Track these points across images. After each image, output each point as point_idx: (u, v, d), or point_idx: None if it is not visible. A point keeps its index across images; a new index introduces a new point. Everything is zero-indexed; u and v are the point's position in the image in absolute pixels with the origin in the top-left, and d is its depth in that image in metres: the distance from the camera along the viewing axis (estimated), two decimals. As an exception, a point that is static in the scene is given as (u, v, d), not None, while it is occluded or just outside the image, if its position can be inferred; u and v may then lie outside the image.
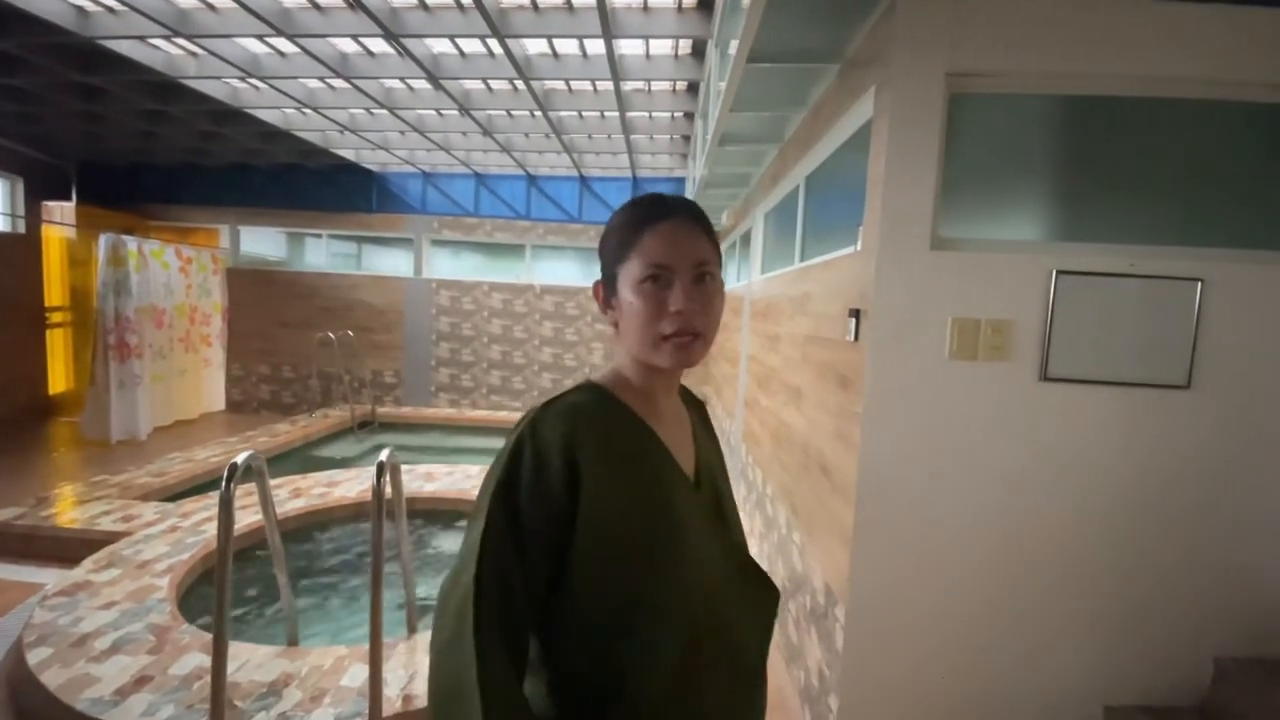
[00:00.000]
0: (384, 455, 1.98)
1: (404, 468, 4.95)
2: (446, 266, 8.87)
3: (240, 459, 1.86)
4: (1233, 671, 1.84)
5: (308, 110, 5.80)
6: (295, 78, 5.06)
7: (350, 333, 7.85)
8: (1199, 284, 1.79)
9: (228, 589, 1.80)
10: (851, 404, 1.98)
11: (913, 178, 1.80)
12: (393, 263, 8.88)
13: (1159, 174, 1.94)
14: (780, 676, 2.66)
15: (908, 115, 1.80)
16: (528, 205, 8.52)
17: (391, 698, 2.10)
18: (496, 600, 0.70)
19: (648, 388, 0.85)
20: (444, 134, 6.57)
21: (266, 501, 2.20)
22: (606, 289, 0.83)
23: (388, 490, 2.04)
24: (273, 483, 4.62)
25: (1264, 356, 1.81)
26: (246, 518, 3.72)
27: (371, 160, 7.93)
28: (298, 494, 4.32)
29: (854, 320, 1.95)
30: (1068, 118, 1.92)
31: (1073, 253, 1.83)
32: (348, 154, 7.50)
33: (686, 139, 6.38)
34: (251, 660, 2.31)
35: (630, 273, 0.78)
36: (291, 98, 5.42)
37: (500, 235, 8.58)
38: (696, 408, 0.97)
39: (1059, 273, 1.80)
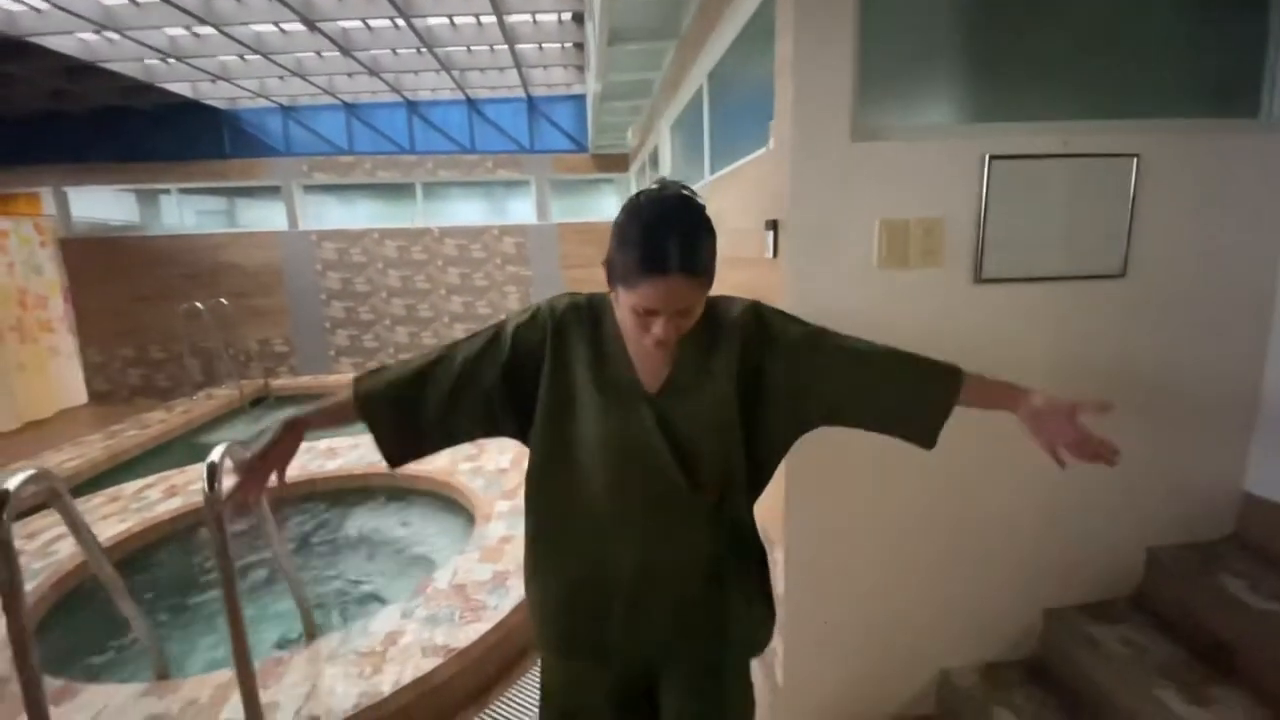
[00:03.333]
0: (215, 454, 1.58)
1: (303, 445, 4.46)
2: (326, 215, 7.96)
3: (13, 483, 1.42)
4: (1165, 559, 1.83)
5: (111, 34, 4.77)
6: (82, -9, 4.10)
7: (223, 300, 6.96)
8: (1135, 160, 1.63)
9: (33, 653, 1.41)
10: (775, 330, 1.74)
11: (827, 55, 1.51)
12: (264, 216, 7.85)
13: (1090, 42, 1.73)
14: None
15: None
16: (411, 137, 7.67)
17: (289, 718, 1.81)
18: (434, 359, 1.06)
19: (632, 322, 0.98)
20: (294, 56, 5.65)
21: (76, 526, 1.76)
22: (610, 274, 0.97)
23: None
24: (145, 481, 4.08)
25: (1202, 237, 1.70)
26: (108, 528, 3.20)
27: (214, 95, 6.79)
28: (172, 492, 3.78)
29: (771, 233, 1.68)
30: (994, -25, 1.66)
31: (1005, 134, 1.62)
32: (181, 89, 6.38)
33: (580, 47, 5.78)
34: (110, 705, 1.94)
35: (628, 298, 0.93)
36: (85, 19, 4.40)
37: (384, 174, 7.73)
38: (714, 329, 1.05)
39: (991, 157, 1.59)
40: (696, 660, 1.10)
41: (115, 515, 3.47)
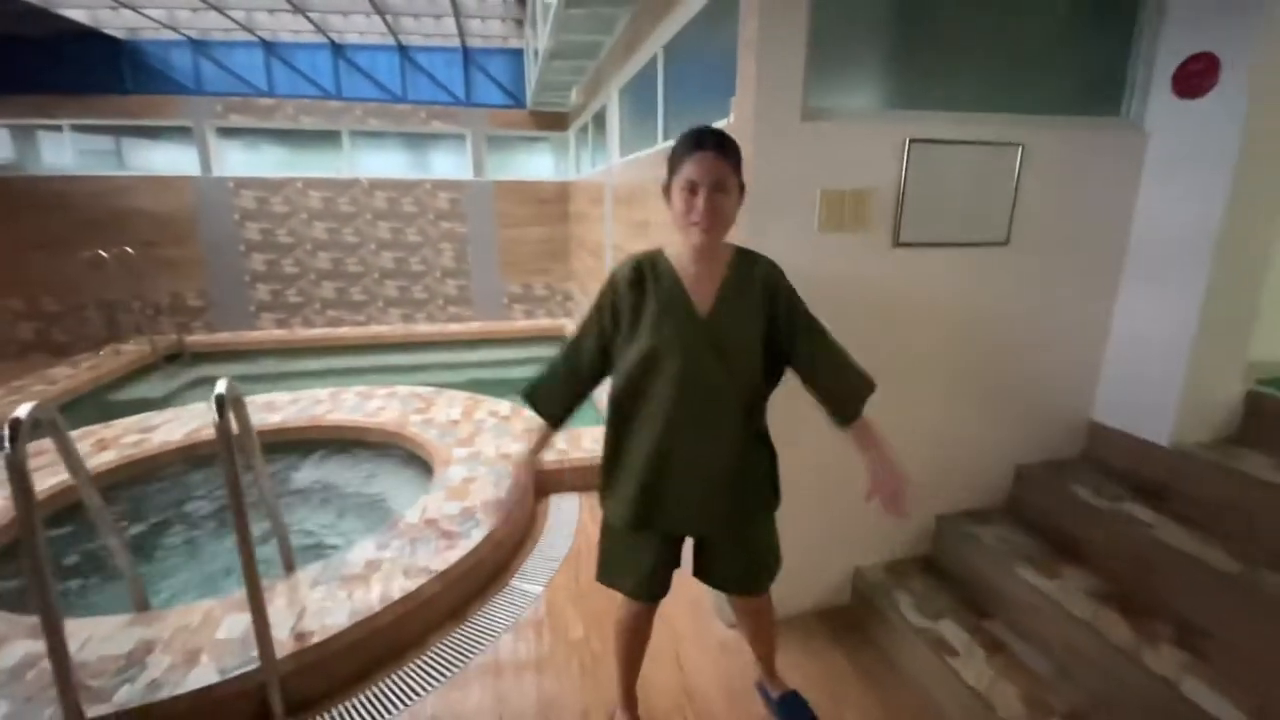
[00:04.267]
0: (221, 387, 1.68)
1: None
2: (244, 161, 7.49)
3: (23, 411, 1.48)
4: (1029, 475, 2.29)
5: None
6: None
7: (129, 249, 6.49)
8: (1019, 149, 1.99)
9: (45, 565, 1.50)
10: (731, 283, 2.01)
11: (785, 42, 1.75)
12: (167, 158, 7.26)
13: (991, 46, 2.06)
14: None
15: (776, -28, 1.70)
16: (337, 82, 7.30)
17: (282, 639, 1.96)
18: (573, 350, 1.50)
19: (684, 253, 1.41)
20: (212, -12, 5.27)
21: (71, 456, 1.81)
22: (668, 185, 1.36)
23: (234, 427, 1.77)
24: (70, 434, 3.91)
25: (1064, 212, 2.10)
26: (43, 480, 3.11)
27: (115, 24, 6.18)
28: (103, 446, 3.67)
29: (731, 198, 1.93)
30: (919, -18, 1.94)
31: (923, 120, 1.93)
32: (76, 14, 5.78)
33: (521, 2, 5.71)
34: (96, 634, 2.01)
35: (677, 182, 1.31)
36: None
37: (307, 119, 7.34)
38: (745, 271, 1.43)
39: (912, 141, 1.90)
40: (726, 523, 1.49)
41: (46, 469, 3.35)
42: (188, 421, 4.03)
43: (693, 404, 1.39)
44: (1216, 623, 1.70)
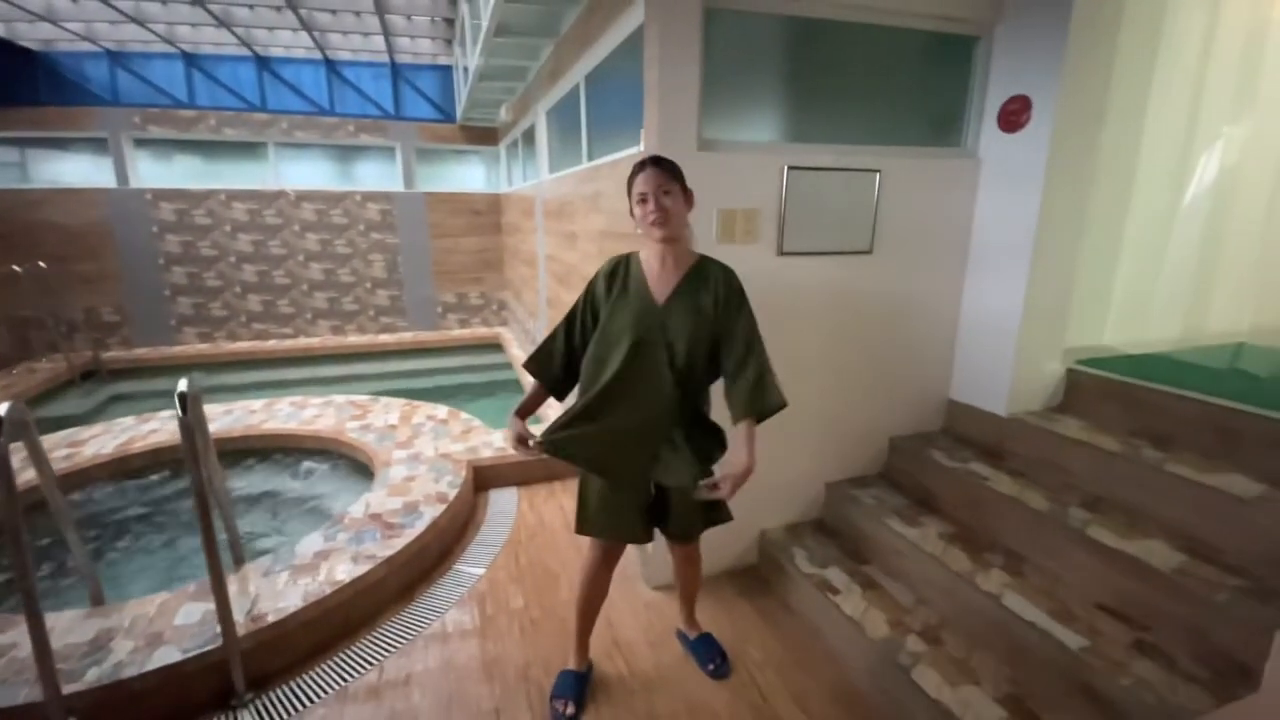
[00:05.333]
0: (183, 385, 1.85)
1: (164, 414, 4.35)
2: (162, 173, 7.29)
3: (2, 409, 1.62)
4: (900, 445, 2.72)
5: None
6: None
7: (43, 264, 6.22)
8: (878, 174, 2.42)
9: (27, 553, 1.63)
10: (644, 287, 2.33)
11: (681, 85, 2.09)
12: (79, 170, 6.99)
13: (853, 89, 2.48)
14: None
15: (674, 24, 2.04)
16: (261, 94, 7.24)
17: (239, 622, 2.11)
18: (563, 328, 1.83)
19: (650, 253, 1.75)
20: (133, 0, 5.21)
21: (40, 457, 1.92)
22: (631, 210, 1.71)
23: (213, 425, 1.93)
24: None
25: (917, 226, 2.54)
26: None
27: (30, 36, 5.95)
28: (25, 464, 3.60)
29: (641, 214, 2.26)
30: (793, 35, 2.33)
31: (798, 151, 2.32)
32: (-19, 23, 5.57)
33: (450, 22, 5.91)
34: (58, 626, 2.09)
35: (633, 199, 1.69)
36: None
37: (231, 131, 7.23)
38: (702, 274, 1.74)
39: (789, 168, 2.28)
40: (686, 476, 1.72)
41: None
42: (118, 434, 4.00)
43: (644, 377, 1.68)
44: (1032, 549, 2.14)
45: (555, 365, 1.83)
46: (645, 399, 1.70)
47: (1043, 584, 2.02)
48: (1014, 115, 2.46)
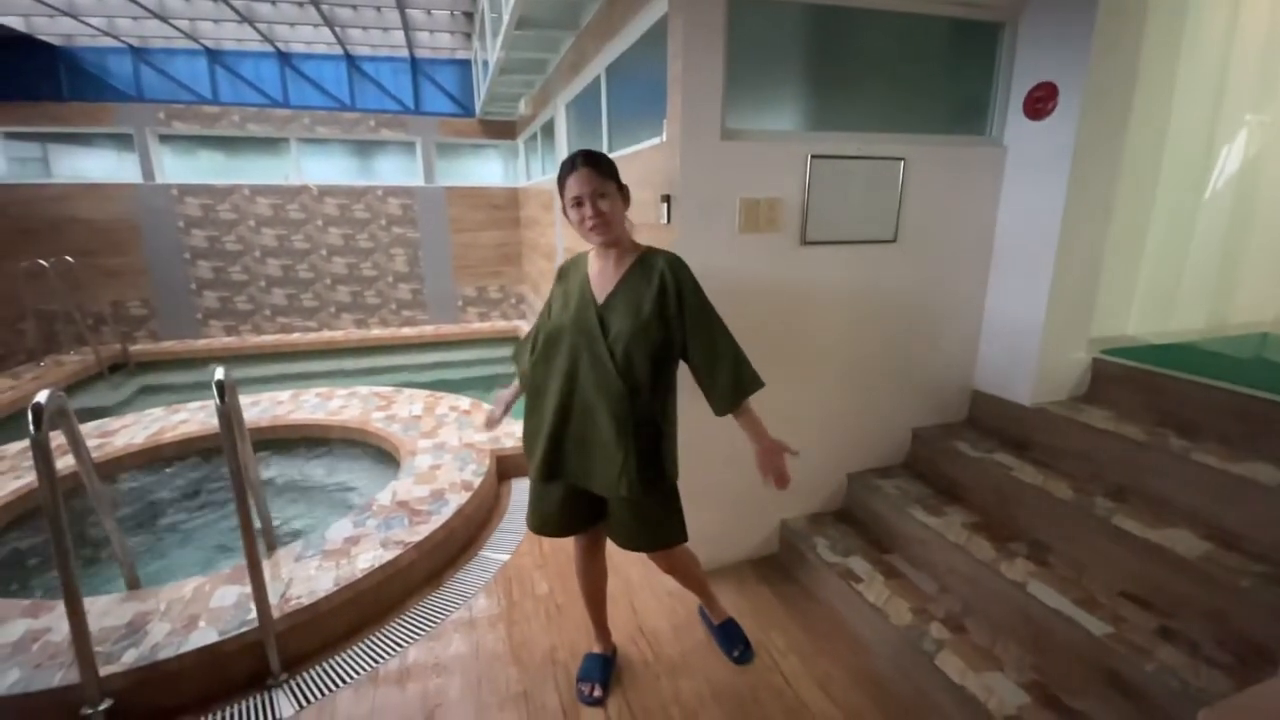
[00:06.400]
0: (219, 374, 1.91)
1: (193, 404, 4.45)
2: (186, 168, 7.41)
3: (42, 397, 1.68)
4: (923, 435, 2.72)
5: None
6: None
7: (70, 258, 6.37)
8: (902, 162, 2.41)
9: (66, 538, 1.69)
10: (667, 277, 2.34)
11: (706, 75, 2.10)
12: (101, 166, 7.12)
13: (878, 77, 2.47)
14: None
15: (698, 14, 2.05)
16: (284, 90, 7.33)
17: (273, 604, 2.17)
18: (536, 323, 1.77)
19: (596, 254, 1.70)
20: (156, -3, 5.30)
21: (79, 445, 1.99)
22: (565, 213, 1.64)
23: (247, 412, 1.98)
24: (20, 445, 3.93)
25: (941, 215, 2.53)
26: (11, 483, 3.19)
27: (51, 31, 6.09)
28: (64, 451, 3.71)
29: (666, 205, 2.27)
30: (816, 24, 2.32)
31: (822, 140, 2.32)
32: (12, 22, 5.68)
33: (469, 16, 5.94)
34: (93, 611, 2.16)
35: (567, 204, 1.61)
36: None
37: (254, 127, 7.34)
38: (645, 270, 1.65)
39: (813, 156, 2.28)
40: (612, 486, 1.62)
41: (9, 473, 3.41)
42: (149, 425, 4.10)
43: (581, 377, 1.61)
44: (1057, 538, 2.14)
45: (527, 358, 1.79)
46: (593, 402, 1.60)
47: (1067, 572, 2.02)
48: (1040, 103, 2.44)
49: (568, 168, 1.57)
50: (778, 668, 2.05)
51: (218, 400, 1.87)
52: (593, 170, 1.55)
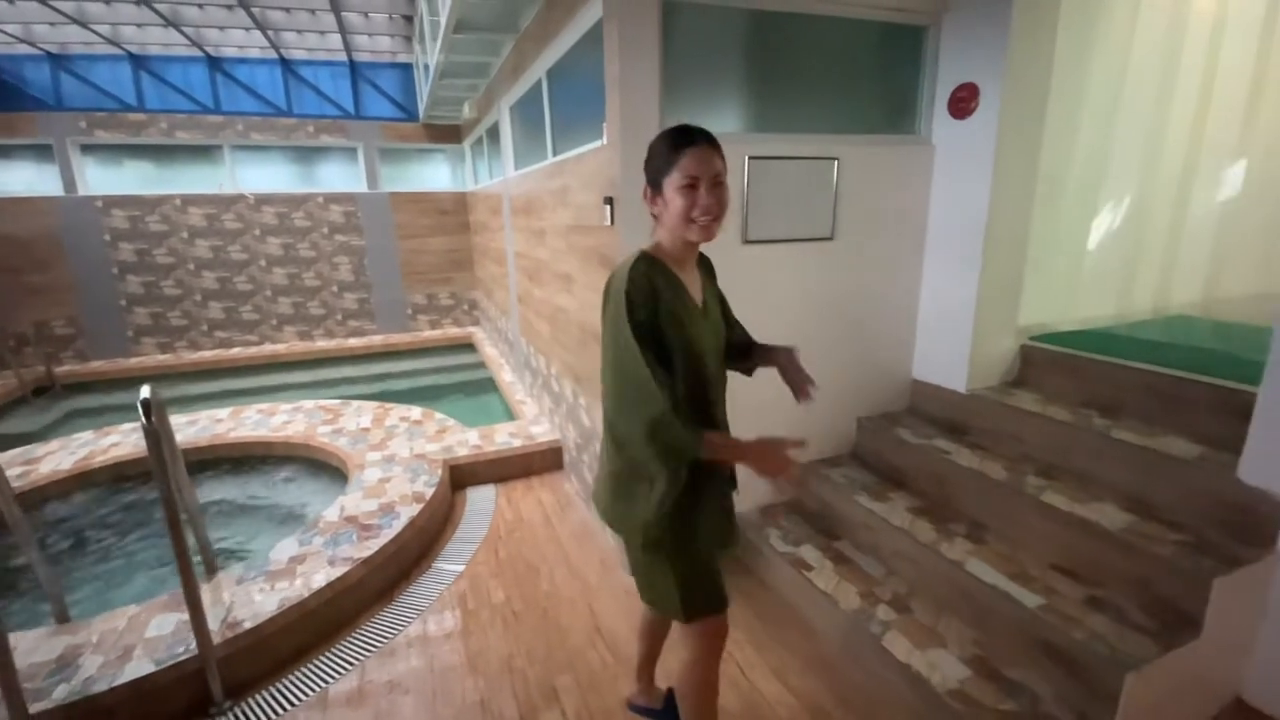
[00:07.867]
0: (144, 392, 1.82)
1: (126, 426, 4.22)
2: (111, 179, 7.04)
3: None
4: (867, 425, 2.80)
5: None
6: None
7: (-15, 276, 5.97)
8: (836, 162, 2.48)
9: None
10: (613, 278, 2.36)
11: (642, 78, 2.12)
12: (20, 178, 6.70)
13: (812, 81, 2.54)
14: (594, 521, 3.19)
15: (632, 18, 2.07)
16: (215, 96, 7.04)
17: (214, 629, 2.09)
18: (658, 372, 1.23)
19: (676, 253, 1.34)
20: (76, 1, 5.02)
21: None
22: (653, 190, 1.30)
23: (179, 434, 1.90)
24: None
25: (876, 212, 2.62)
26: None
27: (-45, 37, 5.71)
28: (-17, 480, 3.48)
29: (609, 206, 2.29)
30: (750, 28, 2.37)
31: (759, 141, 2.37)
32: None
33: (409, 19, 5.83)
34: (20, 647, 2.03)
35: (672, 181, 1.23)
36: None
37: (184, 134, 7.02)
38: (706, 267, 1.50)
39: (750, 158, 2.33)
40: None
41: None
42: (76, 450, 3.88)
43: (717, 393, 1.43)
44: (992, 517, 2.24)
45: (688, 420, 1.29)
46: (723, 403, 1.49)
47: (1003, 549, 2.11)
48: (963, 102, 2.55)
49: (682, 141, 1.23)
50: (733, 658, 2.08)
51: (144, 420, 1.78)
52: (713, 149, 1.23)
